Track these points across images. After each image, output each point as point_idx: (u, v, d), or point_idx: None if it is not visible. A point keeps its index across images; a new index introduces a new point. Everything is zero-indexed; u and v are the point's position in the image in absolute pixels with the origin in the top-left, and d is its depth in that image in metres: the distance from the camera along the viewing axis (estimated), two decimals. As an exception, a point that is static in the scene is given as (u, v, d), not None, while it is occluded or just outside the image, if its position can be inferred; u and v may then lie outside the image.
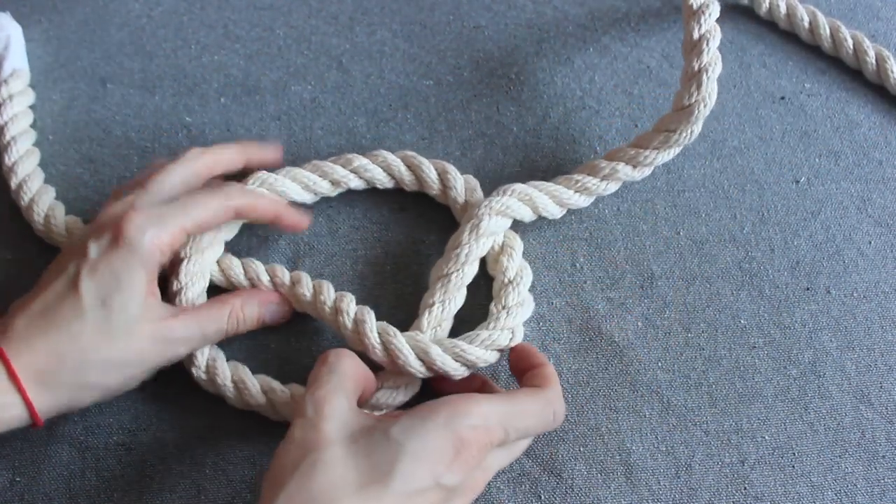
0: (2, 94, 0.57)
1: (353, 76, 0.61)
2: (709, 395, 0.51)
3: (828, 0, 0.64)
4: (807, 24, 0.61)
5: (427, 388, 0.50)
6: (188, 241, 0.50)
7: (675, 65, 0.61)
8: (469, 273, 0.51)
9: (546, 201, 0.53)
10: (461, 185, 0.54)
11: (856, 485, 0.49)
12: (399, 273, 0.55)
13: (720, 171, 0.58)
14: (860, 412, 0.51)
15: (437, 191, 0.55)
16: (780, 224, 0.56)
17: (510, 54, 0.62)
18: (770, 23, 0.63)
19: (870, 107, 0.60)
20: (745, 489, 0.49)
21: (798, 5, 0.62)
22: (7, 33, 0.59)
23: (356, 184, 0.55)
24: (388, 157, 0.55)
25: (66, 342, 0.44)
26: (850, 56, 0.60)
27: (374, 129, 0.59)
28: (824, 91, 0.61)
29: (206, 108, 0.60)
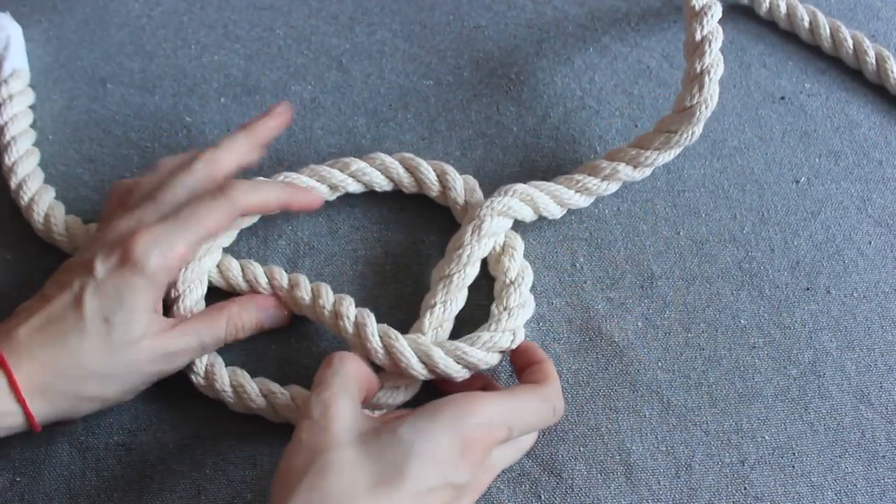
0: (2, 94, 0.57)
1: (353, 76, 0.61)
2: (709, 395, 0.51)
3: (828, 0, 0.64)
4: (807, 24, 0.61)
5: (427, 386, 0.50)
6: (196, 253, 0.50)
7: (675, 65, 0.61)
8: (471, 274, 0.51)
9: (547, 201, 0.53)
10: (460, 185, 0.54)
11: (856, 485, 0.49)
12: (399, 273, 0.55)
13: (720, 171, 0.58)
14: (860, 412, 0.51)
15: (436, 192, 0.55)
16: (780, 224, 0.56)
17: (510, 54, 0.62)
18: (770, 23, 0.63)
19: (870, 107, 0.60)
20: (745, 489, 0.49)
21: (798, 5, 0.61)
22: (7, 33, 0.59)
23: (354, 187, 0.55)
24: (386, 159, 0.54)
25: (66, 356, 0.45)
26: (850, 56, 0.60)
27: (374, 129, 0.59)
28: (824, 91, 0.61)
29: (206, 108, 0.60)
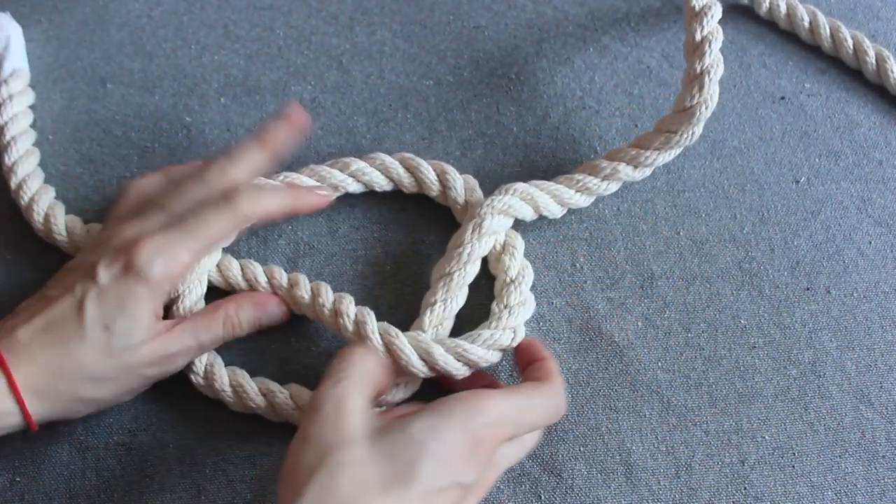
0: (2, 93, 0.57)
1: (353, 76, 0.61)
2: (709, 395, 0.51)
3: (828, 0, 0.64)
4: (807, 24, 0.61)
5: (426, 384, 0.50)
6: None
7: (675, 65, 0.61)
8: (471, 272, 0.51)
9: (547, 200, 0.53)
10: (460, 185, 0.54)
11: (856, 485, 0.49)
12: (399, 273, 0.55)
13: (720, 171, 0.58)
14: (860, 412, 0.51)
15: (436, 192, 0.55)
16: (780, 224, 0.56)
17: (510, 54, 0.62)
18: (770, 23, 0.63)
19: (870, 107, 0.60)
20: (745, 489, 0.49)
21: (798, 5, 0.61)
22: (7, 33, 0.59)
23: (355, 187, 0.55)
24: (386, 159, 0.54)
25: (65, 360, 0.45)
26: (850, 56, 0.60)
27: (374, 129, 0.59)
28: (824, 91, 0.61)
29: (206, 108, 0.60)
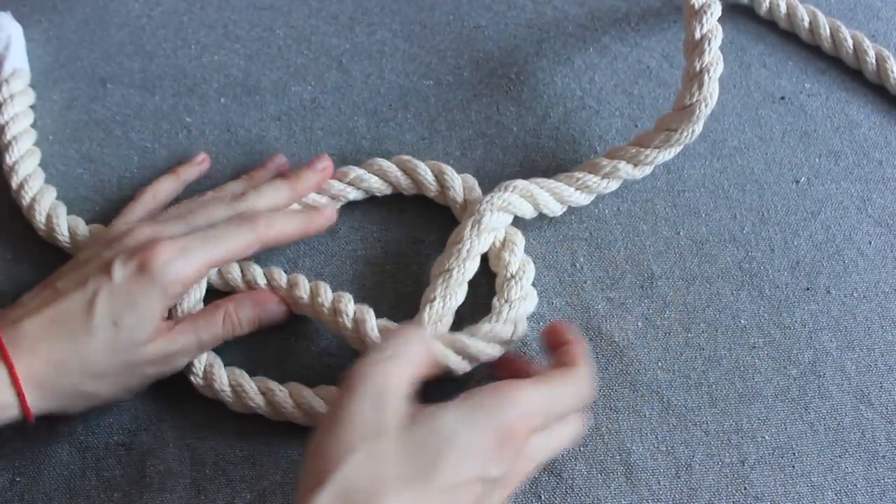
0: (3, 93, 0.57)
1: (353, 76, 0.61)
2: (709, 395, 0.51)
3: (828, 0, 0.64)
4: (807, 24, 0.61)
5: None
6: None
7: (675, 65, 0.61)
8: (470, 269, 0.51)
9: (547, 198, 0.53)
10: (459, 184, 0.54)
11: (856, 485, 0.49)
12: (399, 273, 0.55)
13: (720, 171, 0.58)
14: (860, 412, 0.51)
15: (434, 192, 0.55)
16: (780, 224, 0.56)
17: (510, 54, 0.62)
18: (770, 23, 0.63)
19: (870, 107, 0.60)
20: (745, 489, 0.49)
21: (798, 5, 0.61)
22: (8, 33, 0.59)
23: (354, 195, 0.55)
24: (384, 164, 0.55)
25: (69, 353, 0.45)
26: (850, 56, 0.60)
27: (374, 130, 0.59)
28: (824, 91, 0.61)
29: (206, 108, 0.60)
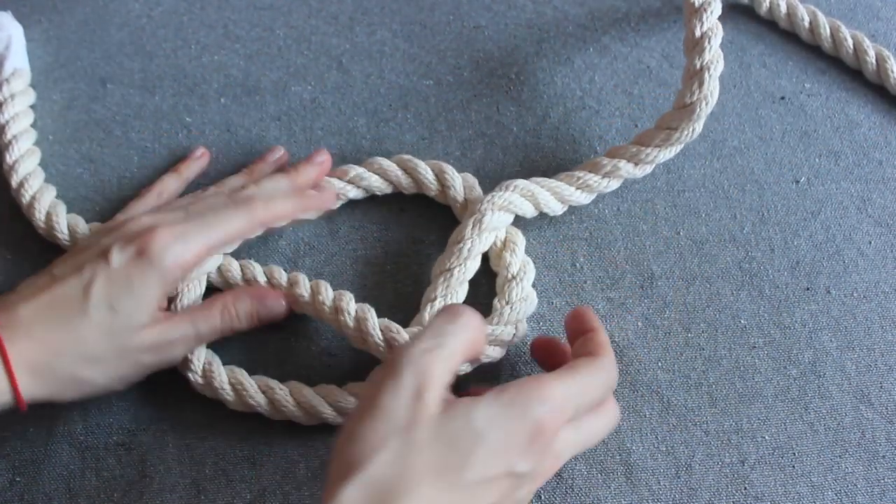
0: (3, 93, 0.57)
1: (353, 76, 0.61)
2: (709, 395, 0.51)
3: (828, 0, 0.64)
4: (807, 23, 0.61)
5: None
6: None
7: (675, 64, 0.61)
8: (471, 268, 0.51)
9: (547, 197, 0.53)
10: (459, 183, 0.54)
11: (856, 485, 0.49)
12: (399, 273, 0.55)
13: (720, 171, 0.58)
14: (860, 412, 0.51)
15: (435, 191, 0.55)
16: (780, 224, 0.56)
17: (510, 54, 0.62)
18: (770, 22, 0.63)
19: (870, 107, 0.60)
20: (745, 489, 0.49)
21: (798, 5, 0.61)
22: (8, 33, 0.59)
23: (355, 193, 0.55)
24: (384, 163, 0.55)
25: (65, 338, 0.45)
26: (850, 56, 0.60)
27: (374, 130, 0.59)
28: (824, 91, 0.61)
29: (206, 108, 0.60)
